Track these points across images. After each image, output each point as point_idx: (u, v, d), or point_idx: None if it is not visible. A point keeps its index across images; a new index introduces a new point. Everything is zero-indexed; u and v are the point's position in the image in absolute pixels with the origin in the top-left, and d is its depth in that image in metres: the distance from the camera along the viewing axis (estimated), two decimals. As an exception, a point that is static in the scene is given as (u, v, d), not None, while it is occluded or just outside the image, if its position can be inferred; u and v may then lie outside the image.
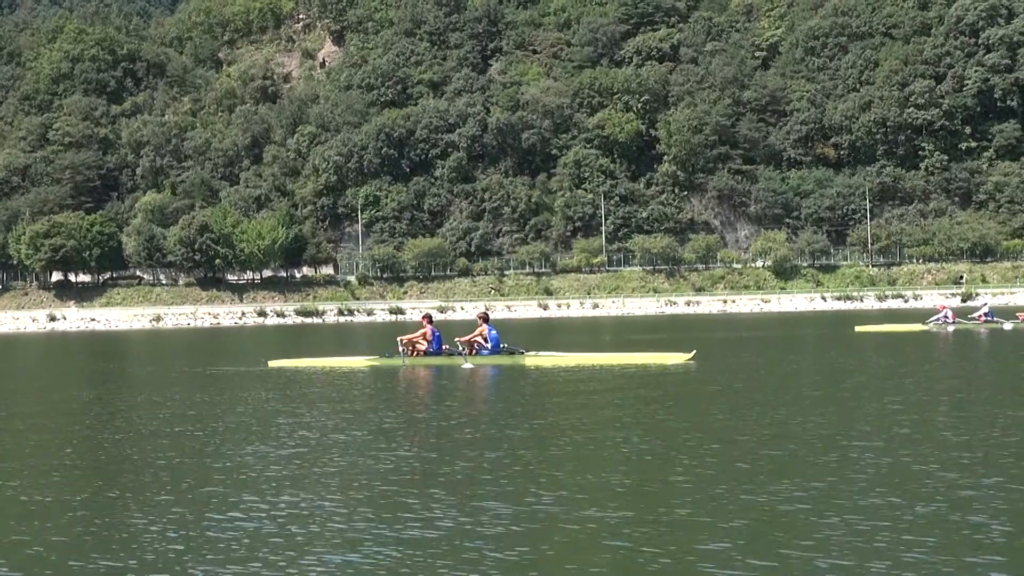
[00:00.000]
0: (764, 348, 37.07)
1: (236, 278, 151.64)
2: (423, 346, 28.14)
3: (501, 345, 28.28)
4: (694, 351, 27.76)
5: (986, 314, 49.64)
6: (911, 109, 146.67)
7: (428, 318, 29.00)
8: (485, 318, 28.74)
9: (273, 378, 25.26)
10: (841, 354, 32.10)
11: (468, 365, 26.82)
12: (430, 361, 27.83)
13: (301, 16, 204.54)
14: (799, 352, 34.62)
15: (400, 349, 28.07)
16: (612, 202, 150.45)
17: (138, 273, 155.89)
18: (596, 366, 26.14)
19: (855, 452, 12.00)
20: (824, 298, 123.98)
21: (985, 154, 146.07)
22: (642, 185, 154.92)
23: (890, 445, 12.49)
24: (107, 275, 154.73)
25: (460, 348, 28.07)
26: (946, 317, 48.40)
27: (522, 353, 27.88)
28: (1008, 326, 47.19)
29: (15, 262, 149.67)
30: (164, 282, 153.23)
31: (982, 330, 46.39)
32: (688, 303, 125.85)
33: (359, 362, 28.90)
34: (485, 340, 27.96)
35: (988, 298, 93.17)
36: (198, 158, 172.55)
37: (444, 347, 28.55)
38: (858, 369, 25.33)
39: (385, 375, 25.29)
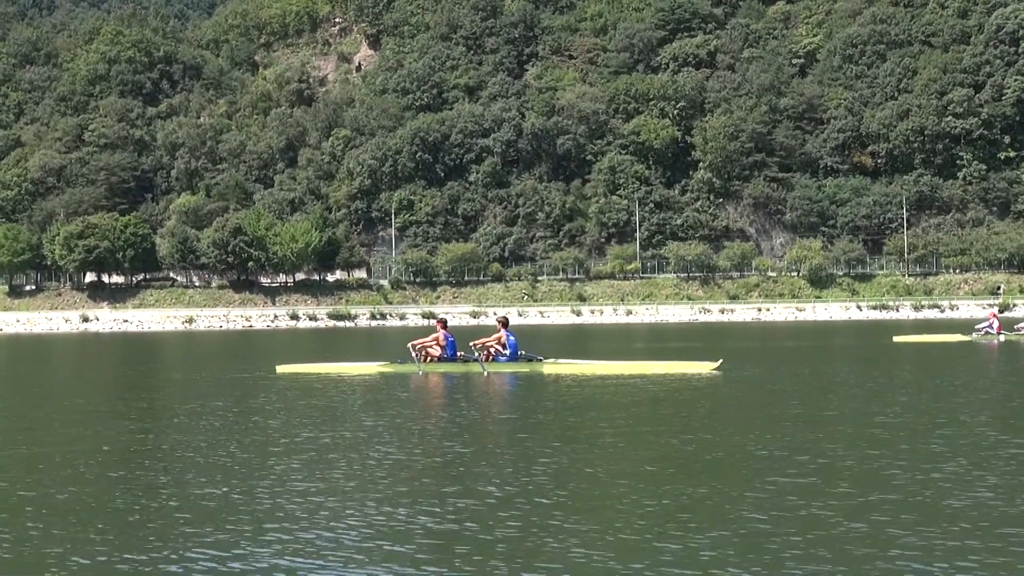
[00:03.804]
0: (799, 358, 35.82)
1: (269, 281, 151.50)
2: (436, 352, 27.28)
3: (519, 352, 27.44)
4: (720, 360, 26.89)
5: (1032, 324, 48.32)
6: (949, 118, 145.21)
7: (443, 323, 28.10)
8: (504, 323, 27.88)
9: (276, 386, 24.41)
10: (879, 366, 30.87)
11: (485, 372, 26.05)
12: (445, 368, 26.90)
13: (337, 20, 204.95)
14: (835, 363, 33.37)
15: (413, 355, 27.29)
16: (647, 209, 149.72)
17: (171, 275, 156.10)
18: (617, 375, 25.15)
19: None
20: (859, 307, 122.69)
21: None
22: (677, 192, 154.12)
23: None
24: (140, 276, 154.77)
25: (475, 353, 27.19)
26: (991, 327, 46.91)
27: (540, 361, 26.97)
28: None
29: (49, 263, 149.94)
30: (197, 284, 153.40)
31: None
32: (722, 311, 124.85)
33: (371, 368, 27.96)
34: (503, 347, 27.10)
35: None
36: (233, 160, 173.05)
37: (459, 353, 27.71)
38: (898, 383, 24.25)
39: (396, 382, 24.41)
